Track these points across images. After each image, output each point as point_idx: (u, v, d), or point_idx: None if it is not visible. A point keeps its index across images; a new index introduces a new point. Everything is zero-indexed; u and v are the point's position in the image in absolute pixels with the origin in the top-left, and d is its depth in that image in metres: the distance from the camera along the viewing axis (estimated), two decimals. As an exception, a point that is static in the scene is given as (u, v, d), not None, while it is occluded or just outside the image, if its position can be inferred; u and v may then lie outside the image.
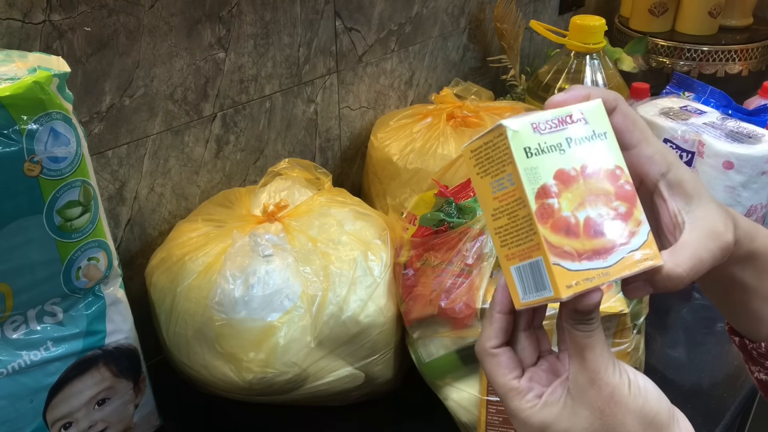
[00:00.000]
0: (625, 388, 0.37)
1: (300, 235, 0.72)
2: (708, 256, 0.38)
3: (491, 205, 0.39)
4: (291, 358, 0.67)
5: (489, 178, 0.38)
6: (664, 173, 0.40)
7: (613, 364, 0.38)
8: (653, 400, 0.38)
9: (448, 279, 0.67)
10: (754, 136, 0.89)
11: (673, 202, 0.40)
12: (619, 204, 0.37)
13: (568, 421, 0.38)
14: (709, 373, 0.80)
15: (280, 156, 0.93)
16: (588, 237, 0.36)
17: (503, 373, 0.40)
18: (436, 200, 0.75)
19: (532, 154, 0.36)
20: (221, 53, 0.81)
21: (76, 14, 0.66)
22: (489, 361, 0.41)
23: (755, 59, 1.29)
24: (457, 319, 0.65)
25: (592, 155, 0.38)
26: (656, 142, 0.40)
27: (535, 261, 0.36)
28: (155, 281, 0.73)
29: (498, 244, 0.39)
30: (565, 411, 0.38)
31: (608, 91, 0.41)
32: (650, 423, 0.38)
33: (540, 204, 0.36)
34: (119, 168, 0.75)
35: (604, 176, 0.38)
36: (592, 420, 0.38)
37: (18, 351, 0.57)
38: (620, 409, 0.37)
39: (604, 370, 0.37)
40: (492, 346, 0.41)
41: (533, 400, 0.39)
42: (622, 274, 0.37)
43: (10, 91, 0.49)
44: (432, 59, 1.12)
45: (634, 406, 0.37)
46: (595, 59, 0.97)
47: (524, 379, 0.40)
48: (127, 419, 0.67)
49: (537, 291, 0.37)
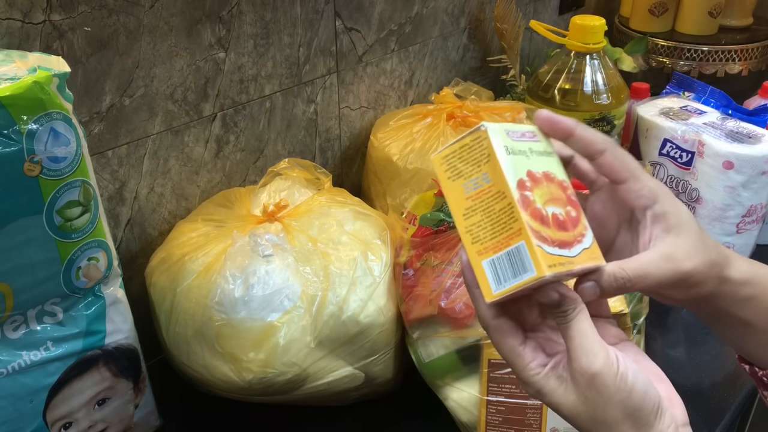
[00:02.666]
0: (609, 377, 0.39)
1: (300, 235, 0.72)
2: (655, 272, 0.42)
3: (463, 205, 0.41)
4: (291, 358, 0.67)
5: (462, 180, 0.41)
6: (650, 206, 0.44)
7: (598, 352, 0.39)
8: (637, 396, 0.39)
9: (448, 279, 0.67)
10: (754, 136, 0.89)
11: (652, 231, 0.44)
12: (571, 209, 0.42)
13: (560, 398, 0.41)
14: (709, 373, 0.80)
15: (280, 156, 0.93)
16: (556, 228, 0.40)
17: (508, 341, 0.42)
18: (436, 200, 0.75)
19: (510, 153, 0.41)
20: (221, 53, 0.81)
21: (76, 14, 0.67)
22: (493, 331, 0.43)
23: (755, 59, 1.29)
24: (457, 319, 0.65)
25: (548, 166, 0.43)
26: (645, 178, 0.44)
27: (514, 248, 0.39)
28: (155, 281, 0.73)
29: (468, 242, 0.41)
30: (559, 390, 0.41)
31: (597, 133, 0.45)
32: (631, 414, 0.39)
33: (520, 194, 0.39)
34: (119, 168, 0.75)
35: (557, 184, 0.42)
36: (577, 403, 0.40)
37: (18, 351, 0.57)
38: (601, 397, 0.39)
39: (585, 357, 0.39)
40: (492, 317, 0.43)
41: (536, 369, 0.42)
42: (584, 265, 0.40)
43: (10, 91, 0.49)
44: (432, 59, 1.12)
45: (617, 398, 0.39)
46: (595, 59, 0.97)
47: (529, 348, 0.42)
48: (127, 419, 0.67)
49: (516, 276, 0.39)
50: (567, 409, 0.41)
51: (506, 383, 0.65)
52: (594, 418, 0.40)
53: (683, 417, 0.41)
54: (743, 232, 0.92)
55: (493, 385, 0.66)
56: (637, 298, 0.69)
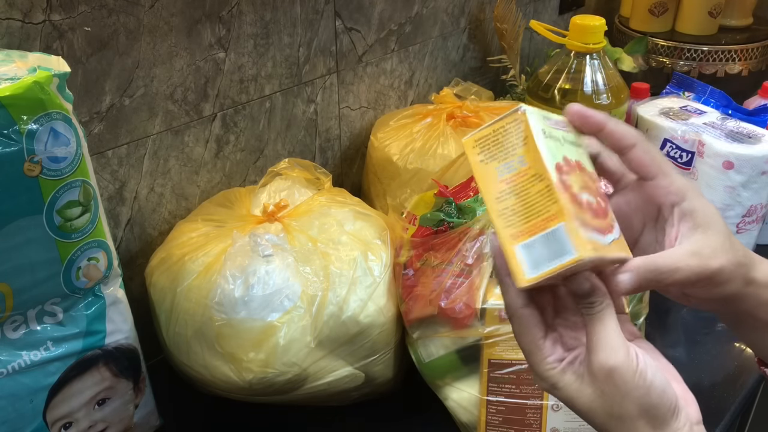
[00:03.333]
0: (628, 373, 0.39)
1: (300, 235, 0.72)
2: (684, 268, 0.42)
3: (496, 189, 0.40)
4: (291, 358, 0.67)
5: (495, 163, 0.40)
6: (678, 203, 0.44)
7: (619, 348, 0.39)
8: (654, 394, 0.40)
9: (448, 279, 0.67)
10: (754, 136, 0.89)
11: (680, 228, 0.43)
12: (601, 200, 0.42)
13: (575, 392, 0.41)
14: (709, 373, 0.80)
15: (280, 156, 0.93)
16: (591, 215, 0.39)
17: (531, 332, 0.42)
18: (436, 200, 0.75)
19: (546, 137, 0.40)
20: (221, 53, 0.81)
21: (76, 14, 0.66)
22: (518, 322, 0.43)
23: (755, 59, 1.29)
24: (457, 319, 0.65)
25: (579, 156, 0.42)
26: (674, 175, 0.44)
27: (552, 230, 0.38)
28: (155, 281, 0.73)
29: (501, 226, 0.40)
30: (574, 384, 0.41)
31: (628, 127, 0.44)
32: (647, 411, 0.40)
33: (558, 177, 0.39)
34: (119, 168, 0.75)
35: (588, 175, 0.42)
36: (593, 398, 0.40)
37: (18, 351, 0.57)
38: (619, 391, 0.39)
39: (606, 351, 0.39)
40: (519, 305, 0.42)
41: (553, 363, 0.42)
42: (616, 254, 0.40)
43: (10, 91, 0.49)
44: (432, 59, 1.12)
45: (635, 394, 0.39)
46: (595, 59, 0.97)
47: (548, 342, 0.42)
48: (127, 419, 0.67)
49: (553, 259, 0.38)
50: (582, 404, 0.41)
51: (506, 383, 0.65)
52: (610, 413, 0.40)
53: (697, 415, 0.42)
54: (743, 232, 0.92)
55: (493, 385, 0.66)
56: (638, 298, 0.69)
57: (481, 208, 0.70)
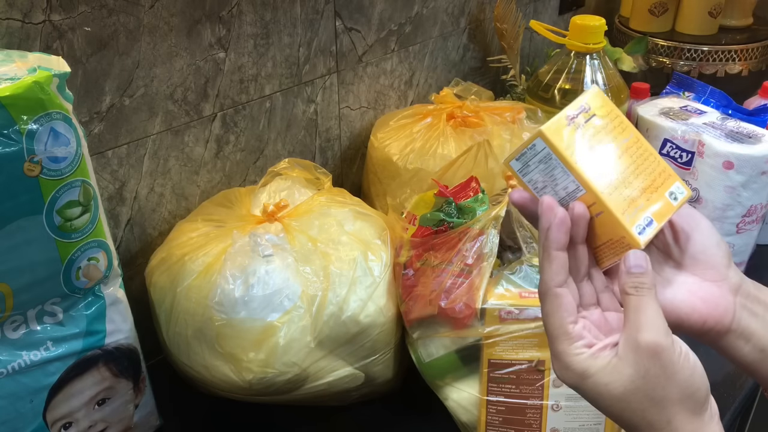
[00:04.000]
0: (674, 354, 0.39)
1: (300, 235, 0.72)
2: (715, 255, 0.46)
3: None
4: (291, 358, 0.67)
5: None
6: None
7: (666, 331, 0.40)
8: (699, 376, 0.40)
9: (448, 279, 0.67)
10: (754, 136, 0.89)
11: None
12: None
13: (610, 376, 0.40)
14: (709, 373, 0.79)
15: (280, 156, 0.93)
16: None
17: (561, 315, 0.42)
18: (436, 200, 0.75)
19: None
20: (221, 53, 0.81)
21: (76, 14, 0.66)
22: (551, 300, 0.42)
23: (755, 59, 1.29)
24: (457, 319, 0.65)
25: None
26: None
27: None
28: (155, 281, 0.73)
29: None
30: (609, 367, 0.40)
31: None
32: (690, 396, 0.40)
33: None
34: (119, 168, 0.75)
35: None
36: (635, 378, 0.39)
37: (18, 351, 0.57)
38: (664, 372, 0.39)
39: (655, 332, 0.39)
40: (557, 284, 0.42)
41: (581, 348, 0.41)
42: None
43: (10, 91, 0.49)
44: (432, 59, 1.12)
45: (682, 375, 0.39)
46: (595, 59, 0.97)
47: (578, 326, 0.42)
48: (127, 419, 0.67)
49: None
50: (620, 386, 0.40)
51: (506, 383, 0.65)
52: (651, 396, 0.39)
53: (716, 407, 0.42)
54: (743, 232, 0.92)
55: (493, 385, 0.66)
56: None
57: (481, 208, 0.70)
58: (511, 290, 0.66)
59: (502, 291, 0.66)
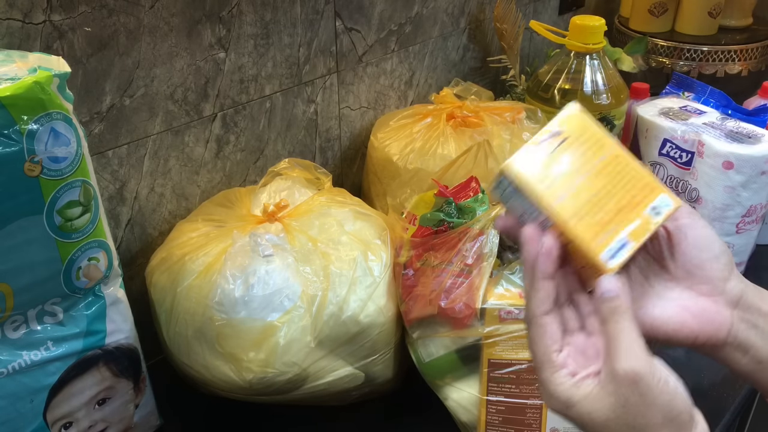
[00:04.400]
0: (653, 380, 0.39)
1: (300, 235, 0.72)
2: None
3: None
4: (291, 358, 0.67)
5: None
6: None
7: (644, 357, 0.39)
8: (680, 400, 0.39)
9: (448, 279, 0.67)
10: (754, 136, 0.89)
11: None
12: None
13: (592, 405, 0.40)
14: (709, 373, 0.80)
15: (280, 156, 0.93)
16: None
17: (546, 343, 0.42)
18: (436, 200, 0.75)
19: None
20: (221, 53, 0.81)
21: (77, 14, 0.67)
22: (536, 329, 0.42)
23: (755, 59, 1.29)
24: (457, 319, 0.65)
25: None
26: None
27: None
28: (155, 281, 0.73)
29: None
30: (591, 396, 0.40)
31: None
32: (672, 420, 0.39)
33: None
34: (119, 168, 0.75)
35: None
36: (615, 407, 0.39)
37: (18, 351, 0.57)
38: (644, 401, 0.38)
39: (634, 360, 0.39)
40: (542, 312, 0.42)
41: (565, 377, 0.41)
42: None
43: (10, 91, 0.49)
44: (432, 59, 1.12)
45: (661, 400, 0.39)
46: (595, 59, 0.97)
47: (563, 354, 0.42)
48: (127, 419, 0.67)
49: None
50: (602, 415, 0.39)
51: (506, 383, 0.65)
52: (633, 425, 0.39)
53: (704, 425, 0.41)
54: (743, 232, 0.92)
55: (493, 385, 0.66)
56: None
57: (481, 208, 0.70)
58: (511, 290, 0.66)
59: (502, 291, 0.66)
